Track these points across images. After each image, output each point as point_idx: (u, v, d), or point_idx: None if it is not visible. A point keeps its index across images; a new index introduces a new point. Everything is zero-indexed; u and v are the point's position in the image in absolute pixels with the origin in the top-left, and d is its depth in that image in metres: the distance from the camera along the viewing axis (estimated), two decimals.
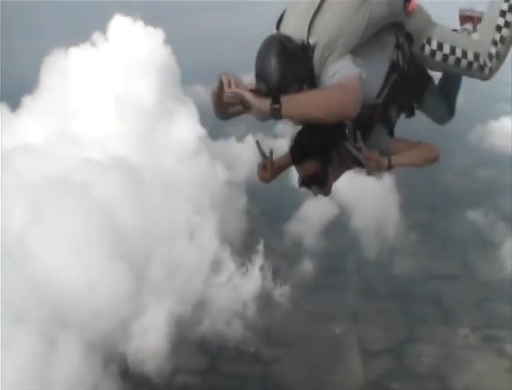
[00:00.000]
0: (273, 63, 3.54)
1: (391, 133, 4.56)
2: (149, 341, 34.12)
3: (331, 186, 4.35)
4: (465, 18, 5.04)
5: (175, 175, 42.17)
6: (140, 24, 48.70)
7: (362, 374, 36.47)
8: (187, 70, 55.19)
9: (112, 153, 38.50)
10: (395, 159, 4.18)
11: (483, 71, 4.47)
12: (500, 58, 4.52)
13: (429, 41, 4.27)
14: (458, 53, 4.30)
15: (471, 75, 4.56)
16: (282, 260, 46.77)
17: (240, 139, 57.58)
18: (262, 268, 43.30)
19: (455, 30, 4.78)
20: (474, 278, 45.12)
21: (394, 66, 4.08)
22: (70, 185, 34.83)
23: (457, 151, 59.87)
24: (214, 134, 53.61)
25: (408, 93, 4.32)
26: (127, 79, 44.81)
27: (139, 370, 33.28)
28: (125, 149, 39.04)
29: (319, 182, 4.20)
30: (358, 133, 3.95)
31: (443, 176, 57.62)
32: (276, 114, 3.29)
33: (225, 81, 3.40)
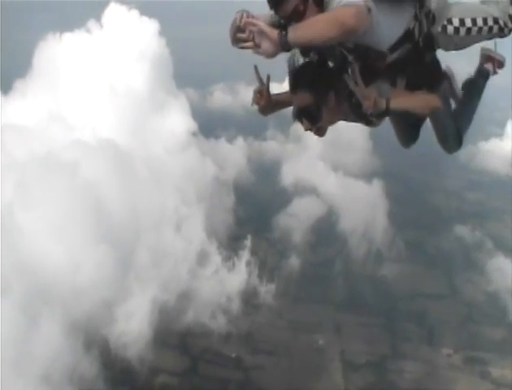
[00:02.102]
0: None
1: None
2: (133, 327, 34.60)
3: (325, 128, 4.34)
4: (487, 58, 5.26)
5: (165, 165, 43.33)
6: (135, 13, 50.69)
7: (342, 386, 37.08)
8: (180, 73, 57.20)
9: (102, 137, 39.66)
10: (394, 102, 4.18)
11: (503, 31, 4.49)
12: None
13: (450, 21, 4.35)
14: (480, 22, 4.37)
15: (492, 38, 4.62)
16: (269, 256, 47.87)
17: (230, 140, 59.36)
18: (248, 263, 44.50)
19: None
20: (459, 298, 46.32)
21: (409, 34, 4.19)
22: (58, 164, 35.48)
23: (448, 171, 61.90)
24: (204, 134, 55.53)
25: (419, 74, 4.43)
26: (119, 66, 46.19)
27: (121, 354, 33.64)
28: (115, 134, 40.12)
29: (311, 116, 4.19)
30: (355, 67, 4.05)
31: (433, 197, 60.19)
32: (284, 41, 3.41)
33: (244, 15, 3.59)
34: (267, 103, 4.50)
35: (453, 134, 5.09)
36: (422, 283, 47.24)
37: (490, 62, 5.25)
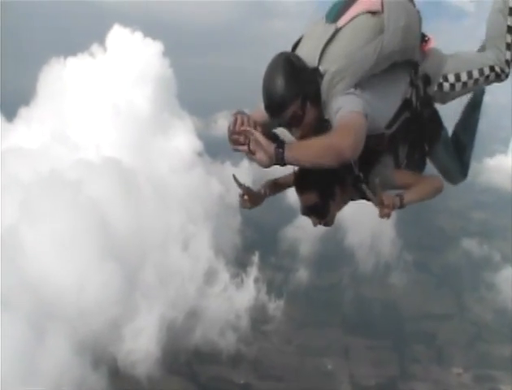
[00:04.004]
0: (279, 73, 3.73)
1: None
2: (140, 345, 35.28)
3: (333, 217, 4.35)
4: None
5: (170, 183, 44.59)
6: (139, 35, 52.09)
7: None
8: (184, 95, 58.71)
9: (106, 155, 40.99)
10: (407, 197, 4.15)
11: (500, 77, 4.50)
12: None
13: (446, 78, 4.37)
14: (476, 74, 4.41)
15: (489, 84, 4.61)
16: (277, 271, 48.71)
17: (235, 164, 60.45)
18: (256, 280, 45.39)
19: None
20: (468, 317, 46.96)
21: (407, 103, 4.21)
22: (63, 184, 36.72)
23: (452, 190, 62.30)
24: (210, 155, 56.80)
25: (420, 134, 4.41)
26: (123, 87, 47.97)
27: (129, 372, 34.26)
28: (119, 153, 41.57)
29: (319, 213, 4.21)
30: (377, 181, 4.04)
31: (438, 217, 60.58)
32: (279, 158, 3.33)
33: (239, 120, 3.53)
34: (254, 203, 4.56)
35: (458, 167, 4.99)
36: (430, 303, 47.76)
37: None
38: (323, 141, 3.48)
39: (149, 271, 38.10)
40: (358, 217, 50.68)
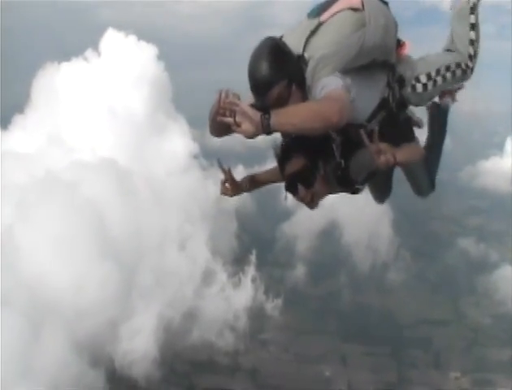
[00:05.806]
0: (265, 55, 3.89)
1: None
2: (138, 345, 35.56)
3: (318, 202, 4.44)
4: (443, 93, 5.36)
5: (166, 185, 45.33)
6: (133, 39, 52.55)
7: None
8: (179, 100, 59.48)
9: (102, 157, 41.29)
10: (399, 156, 4.33)
11: (466, 73, 4.83)
12: (476, 55, 4.87)
13: (418, 79, 4.64)
14: (443, 71, 4.71)
15: (456, 83, 4.95)
16: (275, 270, 49.41)
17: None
18: (254, 279, 45.80)
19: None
20: (465, 322, 47.60)
21: (384, 102, 4.45)
22: (60, 185, 37.06)
23: (448, 193, 62.83)
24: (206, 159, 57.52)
25: (395, 135, 4.55)
26: (118, 91, 48.76)
27: (126, 372, 34.57)
28: (115, 156, 41.88)
29: (305, 180, 4.29)
30: (375, 130, 4.28)
31: (433, 223, 61.72)
32: (266, 125, 3.41)
33: (223, 94, 3.50)
34: (235, 191, 4.87)
35: (426, 179, 5.33)
36: (426, 308, 48.43)
37: (447, 95, 5.40)
38: (310, 106, 3.78)
39: (147, 272, 38.40)
40: (355, 216, 51.41)
